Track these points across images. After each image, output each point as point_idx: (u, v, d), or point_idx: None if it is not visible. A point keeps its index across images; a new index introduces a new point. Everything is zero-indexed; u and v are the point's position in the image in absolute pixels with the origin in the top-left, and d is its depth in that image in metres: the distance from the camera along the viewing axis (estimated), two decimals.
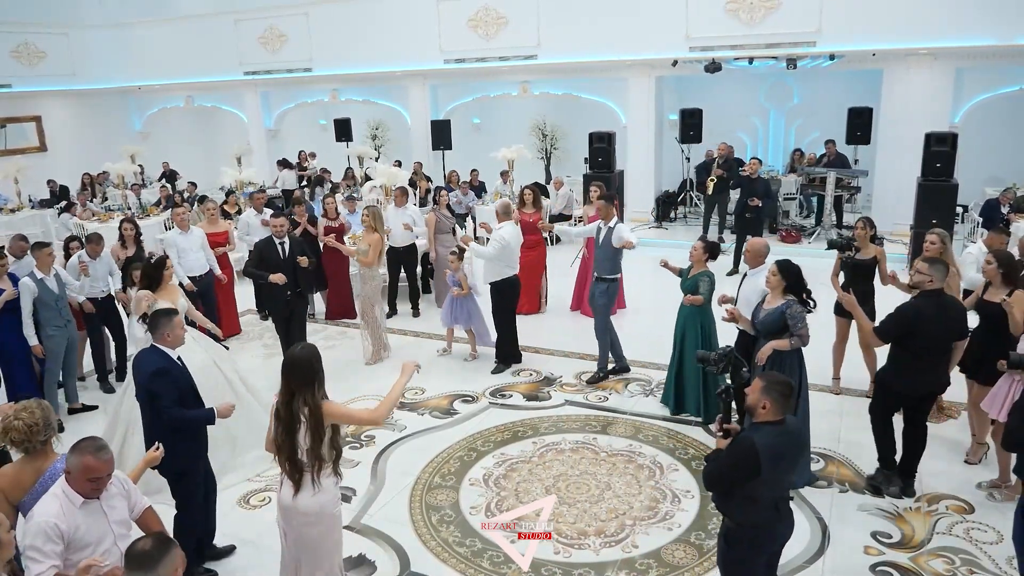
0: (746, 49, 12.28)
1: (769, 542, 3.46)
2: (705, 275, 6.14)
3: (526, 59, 14.02)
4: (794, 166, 13.80)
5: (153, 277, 5.77)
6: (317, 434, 3.53)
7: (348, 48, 15.33)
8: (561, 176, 13.93)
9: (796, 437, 3.48)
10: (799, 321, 4.99)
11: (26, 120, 18.03)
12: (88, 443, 3.09)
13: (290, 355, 3.64)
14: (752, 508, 3.32)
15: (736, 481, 3.30)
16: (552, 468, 5.64)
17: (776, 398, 3.30)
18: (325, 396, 3.64)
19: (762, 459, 3.18)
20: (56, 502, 3.03)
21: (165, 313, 4.33)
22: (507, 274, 7.34)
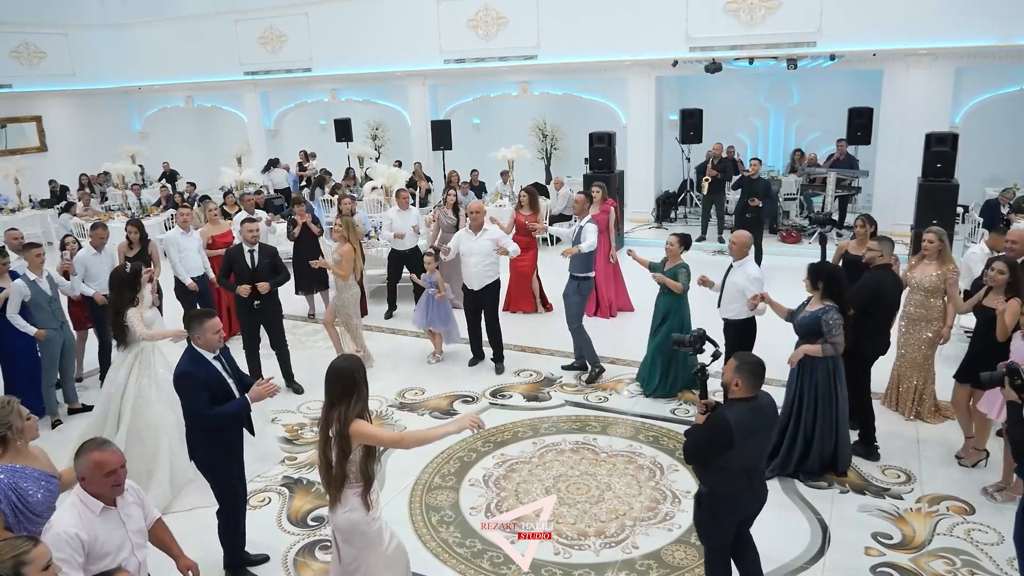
0: (746, 49, 12.27)
1: (736, 509, 3.72)
2: (683, 267, 6.43)
3: (526, 59, 14.02)
4: (794, 166, 13.79)
5: (132, 286, 5.60)
6: (343, 451, 3.42)
7: (348, 48, 15.32)
8: (561, 176, 13.94)
9: (767, 412, 3.69)
10: (834, 328, 4.98)
11: (26, 120, 18.03)
12: (89, 443, 3.07)
13: (333, 365, 3.53)
14: (725, 477, 3.61)
15: (711, 453, 3.59)
16: (552, 469, 5.63)
17: (747, 376, 3.55)
18: (366, 413, 3.51)
19: (735, 433, 3.46)
20: (74, 512, 2.99)
21: (198, 315, 4.25)
22: (496, 275, 7.46)
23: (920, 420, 6.14)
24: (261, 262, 6.93)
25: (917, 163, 10.72)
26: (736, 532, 3.82)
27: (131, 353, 5.54)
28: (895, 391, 6.32)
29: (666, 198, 14.33)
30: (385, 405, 6.89)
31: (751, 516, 3.84)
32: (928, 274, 5.91)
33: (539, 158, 17.19)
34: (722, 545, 3.82)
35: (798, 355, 5.17)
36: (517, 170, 13.95)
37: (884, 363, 6.43)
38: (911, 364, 6.14)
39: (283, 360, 7.25)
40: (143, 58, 17.55)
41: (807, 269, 5.22)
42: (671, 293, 6.53)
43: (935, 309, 5.92)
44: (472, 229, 7.37)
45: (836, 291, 5.06)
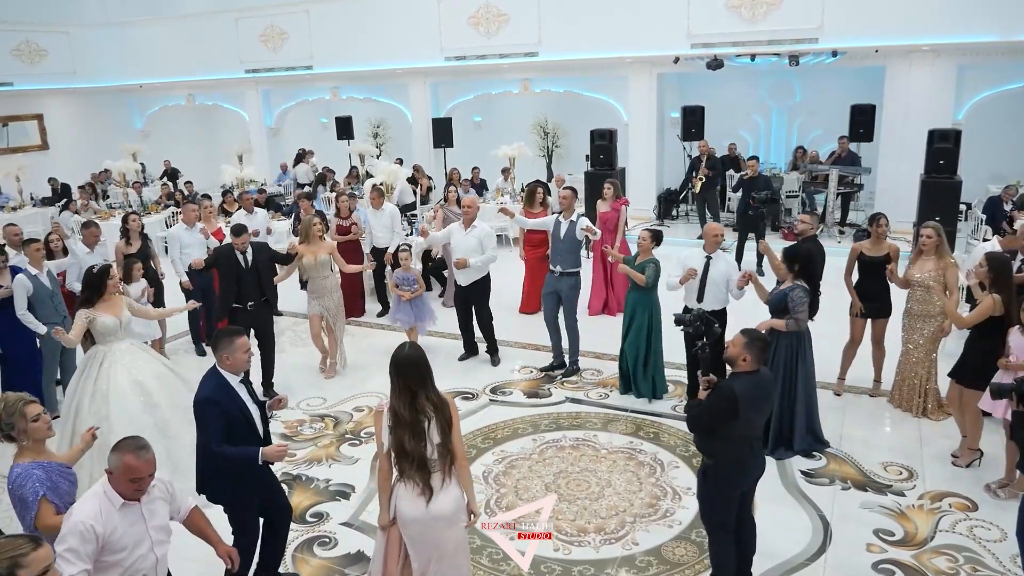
0: (748, 46, 12.23)
1: (743, 475, 3.89)
2: (651, 262, 6.46)
3: (527, 56, 13.97)
4: (796, 164, 13.74)
5: (96, 287, 5.36)
6: (447, 428, 3.45)
7: (349, 46, 15.30)
8: (563, 174, 13.90)
9: (768, 385, 3.98)
10: (799, 305, 5.35)
11: (28, 118, 18.04)
12: (129, 442, 3.02)
13: (401, 356, 3.47)
14: (729, 446, 3.79)
15: (718, 422, 3.76)
16: (552, 465, 5.61)
17: (756, 352, 3.77)
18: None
19: (740, 403, 3.65)
20: (96, 502, 2.96)
21: (227, 333, 3.94)
22: (486, 271, 7.46)
23: (924, 417, 6.11)
24: (257, 258, 6.70)
25: (919, 160, 10.68)
26: (740, 499, 3.94)
27: (88, 356, 5.39)
28: (899, 389, 6.29)
29: (667, 196, 14.29)
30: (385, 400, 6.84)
31: (752, 485, 4.01)
32: (927, 270, 5.89)
33: (541, 156, 17.15)
34: (727, 520, 3.92)
35: (763, 327, 5.27)
36: (518, 167, 13.92)
37: (890, 361, 6.44)
38: (914, 361, 6.12)
39: (267, 364, 6.92)
40: (144, 56, 17.53)
41: (783, 252, 5.55)
42: (639, 288, 6.53)
43: (936, 305, 5.90)
44: (464, 224, 7.35)
45: (810, 275, 5.52)
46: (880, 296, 6.33)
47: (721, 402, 3.74)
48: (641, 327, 6.52)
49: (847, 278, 6.52)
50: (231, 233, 6.87)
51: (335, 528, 4.96)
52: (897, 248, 6.36)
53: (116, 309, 5.39)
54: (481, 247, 7.28)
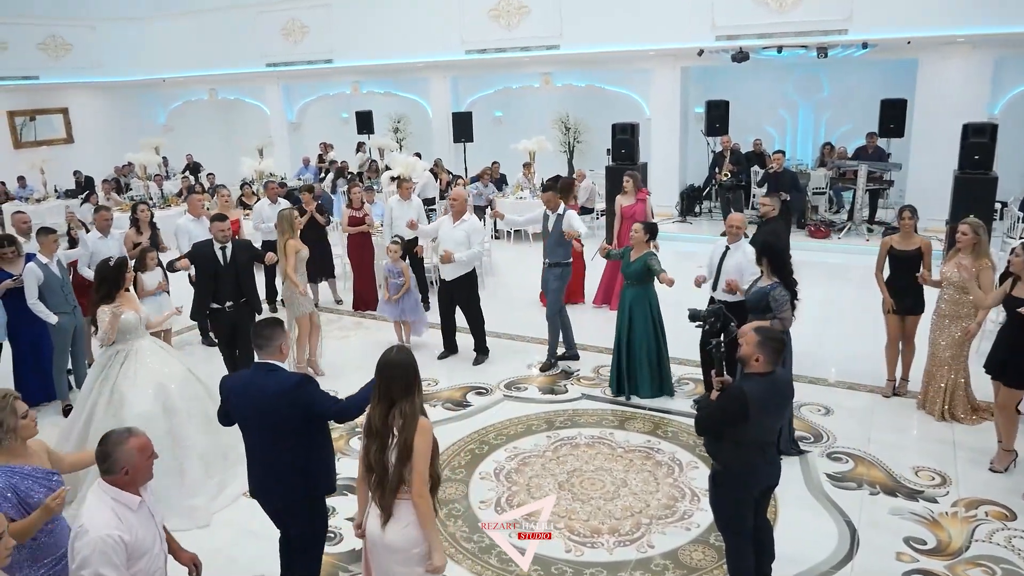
0: (775, 38, 11.90)
1: (754, 482, 3.67)
2: (651, 254, 6.26)
3: (548, 49, 13.74)
4: (824, 160, 13.41)
5: (113, 280, 5.12)
6: (404, 452, 3.04)
7: (369, 39, 15.18)
8: (584, 169, 13.70)
9: (783, 387, 3.70)
10: (782, 305, 4.98)
11: (53, 112, 18.19)
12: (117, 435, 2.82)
13: (387, 359, 3.15)
14: (739, 451, 3.58)
15: (726, 425, 3.56)
16: (566, 463, 5.42)
17: (770, 352, 3.53)
18: (423, 411, 3.17)
19: (751, 406, 3.43)
20: (108, 512, 2.72)
21: (277, 323, 3.67)
22: (472, 266, 7.31)
23: (955, 421, 5.83)
24: (238, 257, 6.35)
25: (953, 156, 10.31)
26: (755, 505, 3.74)
27: (107, 355, 5.07)
28: (926, 391, 6.02)
29: (690, 192, 14.01)
30: None
31: (768, 490, 3.81)
32: (961, 269, 5.61)
33: (562, 151, 16.95)
34: (743, 526, 3.72)
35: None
36: (539, 162, 13.74)
37: (918, 361, 6.18)
38: (941, 362, 5.85)
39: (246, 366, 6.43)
40: (166, 51, 17.56)
41: (757, 247, 5.32)
42: (635, 284, 6.34)
43: (967, 306, 5.64)
44: (452, 217, 7.21)
45: (780, 267, 5.09)
46: (912, 292, 6.06)
47: (730, 404, 3.53)
48: (647, 322, 6.35)
49: (878, 274, 6.26)
50: (211, 219, 6.53)
51: (341, 523, 4.81)
52: (928, 243, 6.08)
53: (135, 304, 5.23)
54: (469, 241, 7.10)
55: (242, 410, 3.57)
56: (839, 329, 7.74)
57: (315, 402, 3.47)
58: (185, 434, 5.01)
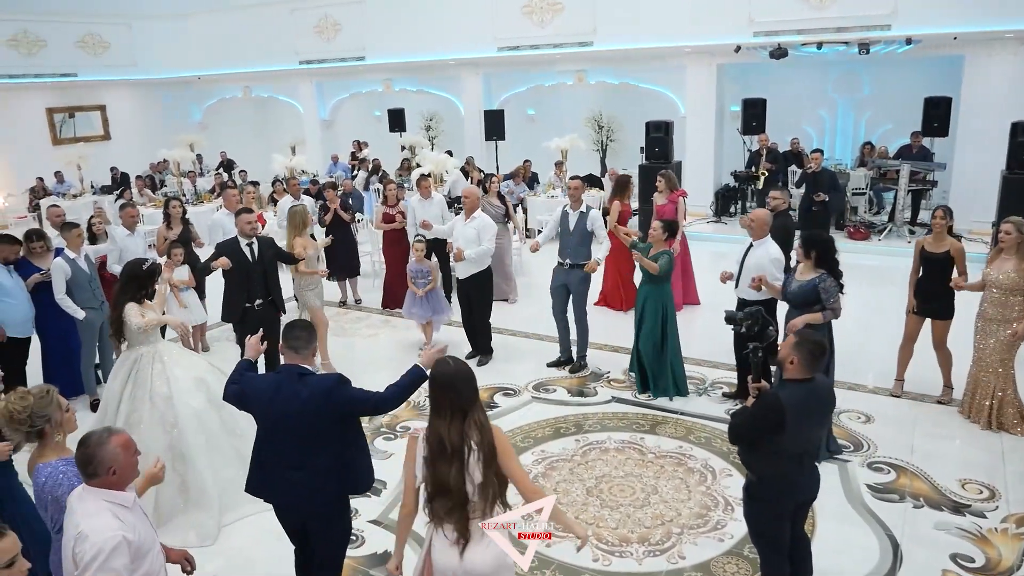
0: (814, 33, 11.59)
1: (790, 495, 3.49)
2: (665, 253, 6.22)
3: (581, 46, 13.59)
4: (863, 159, 13.05)
5: (144, 285, 4.98)
6: (490, 462, 2.87)
7: (402, 37, 15.15)
8: (616, 168, 13.51)
9: (823, 395, 3.49)
10: (833, 295, 5.00)
11: (91, 109, 18.49)
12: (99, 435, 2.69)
13: (449, 371, 2.91)
14: (775, 461, 3.39)
15: (761, 434, 3.38)
16: (595, 468, 5.28)
17: (805, 355, 3.32)
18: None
19: (787, 414, 3.24)
20: (108, 515, 2.58)
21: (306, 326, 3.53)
22: (486, 264, 7.11)
23: (1003, 430, 5.57)
24: (264, 254, 6.22)
25: (1000, 155, 9.96)
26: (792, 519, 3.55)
27: (130, 359, 4.89)
28: (971, 399, 5.76)
29: (725, 191, 13.74)
30: (423, 396, 6.60)
31: (806, 503, 3.63)
32: (1005, 270, 5.37)
33: (595, 150, 16.77)
34: (778, 540, 3.54)
35: (799, 324, 4.92)
36: (571, 161, 13.58)
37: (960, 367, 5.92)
38: (988, 368, 5.61)
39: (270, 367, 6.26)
40: (201, 48, 17.73)
41: (800, 240, 5.21)
42: (651, 281, 6.27)
43: (1014, 308, 5.40)
44: (464, 215, 7.09)
45: (829, 258, 5.07)
46: (939, 296, 5.86)
47: (764, 412, 3.35)
48: (655, 321, 6.26)
49: (911, 275, 6.09)
50: (236, 214, 6.37)
51: (363, 526, 4.73)
52: (960, 247, 5.82)
53: (151, 306, 5.10)
54: (479, 239, 6.96)
55: (271, 416, 3.37)
56: (880, 333, 7.48)
57: (354, 400, 3.35)
58: (238, 423, 4.88)
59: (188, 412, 4.74)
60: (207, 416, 4.84)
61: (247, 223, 6.16)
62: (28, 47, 16.08)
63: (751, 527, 3.68)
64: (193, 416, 4.75)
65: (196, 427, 4.75)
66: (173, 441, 4.67)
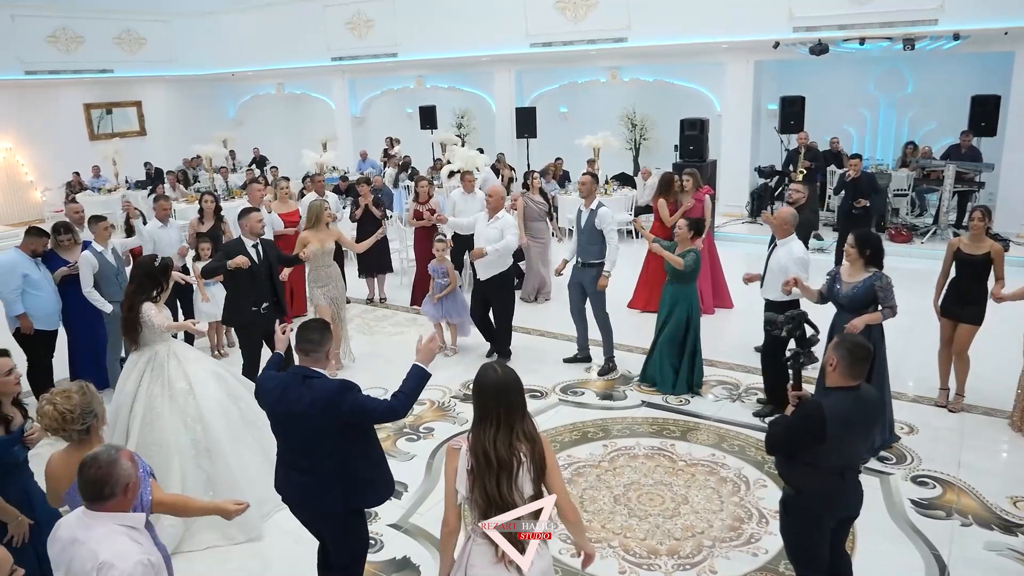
0: (857, 29, 11.21)
1: (831, 511, 3.27)
2: (692, 251, 6.11)
3: (615, 42, 13.33)
4: (906, 160, 12.64)
5: (155, 281, 4.82)
6: (539, 474, 2.74)
7: (434, 33, 15.04)
8: (650, 167, 13.27)
9: (870, 406, 3.24)
10: (890, 293, 4.86)
11: (128, 105, 18.69)
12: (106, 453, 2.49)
13: (493, 379, 2.77)
14: (814, 474, 3.19)
15: (799, 445, 3.19)
16: (623, 475, 5.09)
17: (844, 356, 3.12)
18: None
19: (828, 425, 3.05)
20: (125, 539, 2.41)
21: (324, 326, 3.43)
22: (507, 264, 6.97)
23: None
24: (269, 256, 6.09)
25: None
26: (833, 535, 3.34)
27: (143, 358, 4.75)
28: (1021, 409, 5.47)
29: (761, 191, 13.41)
30: (448, 396, 6.49)
31: (848, 520, 3.42)
32: None
33: (627, 149, 16.52)
34: (817, 558, 3.33)
35: (859, 326, 4.74)
36: (603, 160, 13.36)
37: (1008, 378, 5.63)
38: None
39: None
40: (235, 45, 17.79)
41: (852, 238, 4.99)
42: (677, 281, 6.15)
43: None
44: (487, 213, 6.92)
45: (880, 258, 4.96)
46: (973, 299, 5.64)
47: (804, 422, 3.15)
48: (679, 322, 6.17)
49: (940, 276, 5.87)
50: (238, 215, 6.18)
51: (383, 530, 4.61)
52: (1000, 249, 5.58)
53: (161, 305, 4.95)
54: (502, 237, 6.81)
55: (278, 415, 3.31)
56: (921, 340, 7.15)
57: (358, 408, 3.19)
58: (256, 414, 4.74)
59: (210, 404, 4.66)
60: (228, 408, 4.77)
61: (257, 221, 6.02)
62: (67, 43, 16.27)
63: (788, 543, 3.49)
64: (216, 408, 4.68)
65: (220, 419, 4.68)
66: (196, 436, 4.58)
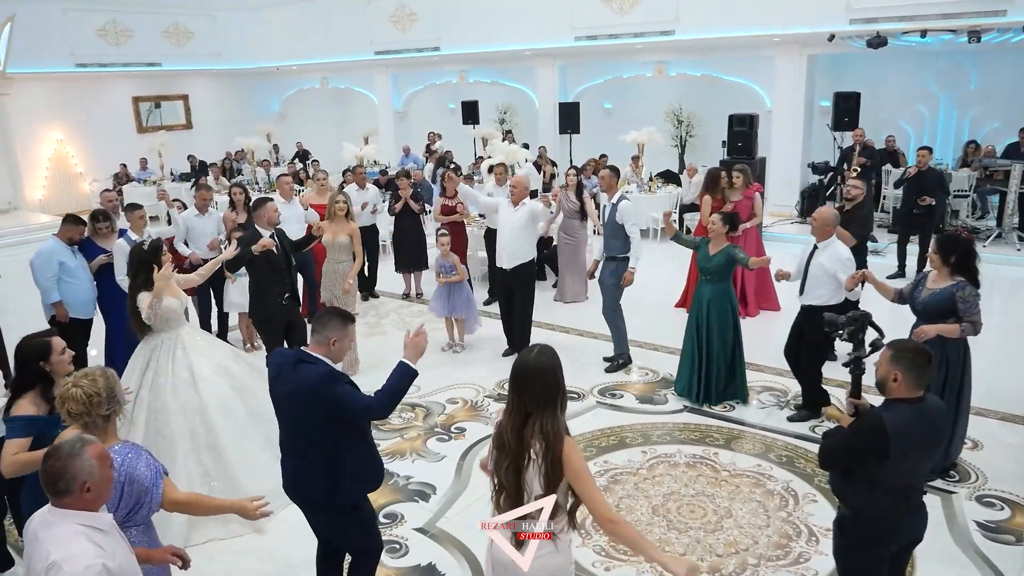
0: (918, 20, 10.65)
1: (892, 536, 2.96)
2: (732, 247, 5.80)
3: (663, 35, 12.95)
4: (967, 159, 12.04)
5: (149, 264, 4.68)
6: (553, 477, 2.54)
7: (477, 26, 14.84)
8: (695, 164, 12.89)
9: (936, 419, 2.92)
10: (972, 306, 4.39)
11: (175, 98, 18.95)
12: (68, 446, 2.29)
13: (524, 362, 2.62)
14: (874, 495, 2.89)
15: (858, 463, 2.89)
16: (662, 484, 4.82)
17: (908, 367, 2.82)
18: (566, 427, 2.64)
19: (892, 440, 2.75)
20: (82, 540, 2.22)
21: (342, 315, 3.30)
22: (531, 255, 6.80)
23: None
24: (284, 245, 5.95)
25: None
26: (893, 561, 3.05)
27: (148, 347, 4.65)
28: None
29: (812, 191, 12.91)
30: (482, 395, 6.29)
31: (910, 546, 3.10)
32: None
33: (672, 145, 16.14)
34: None
35: (929, 334, 4.39)
36: (648, 156, 13.02)
37: None
38: None
39: None
40: (281, 39, 17.86)
41: (936, 242, 4.57)
42: (715, 280, 5.81)
43: None
44: (512, 201, 6.73)
45: (970, 265, 4.44)
46: None
47: (864, 437, 2.86)
48: (726, 324, 5.81)
49: None
50: (254, 205, 6.03)
51: (408, 533, 4.42)
52: None
53: (175, 290, 4.81)
54: (534, 220, 6.68)
55: (273, 396, 3.31)
56: (985, 349, 6.74)
57: (337, 400, 3.06)
58: (265, 409, 4.58)
59: (212, 398, 4.56)
60: (232, 402, 4.66)
61: (273, 211, 5.89)
62: (116, 37, 16.50)
63: (841, 567, 3.20)
64: (218, 401, 4.57)
65: (221, 413, 4.59)
66: (195, 428, 4.49)
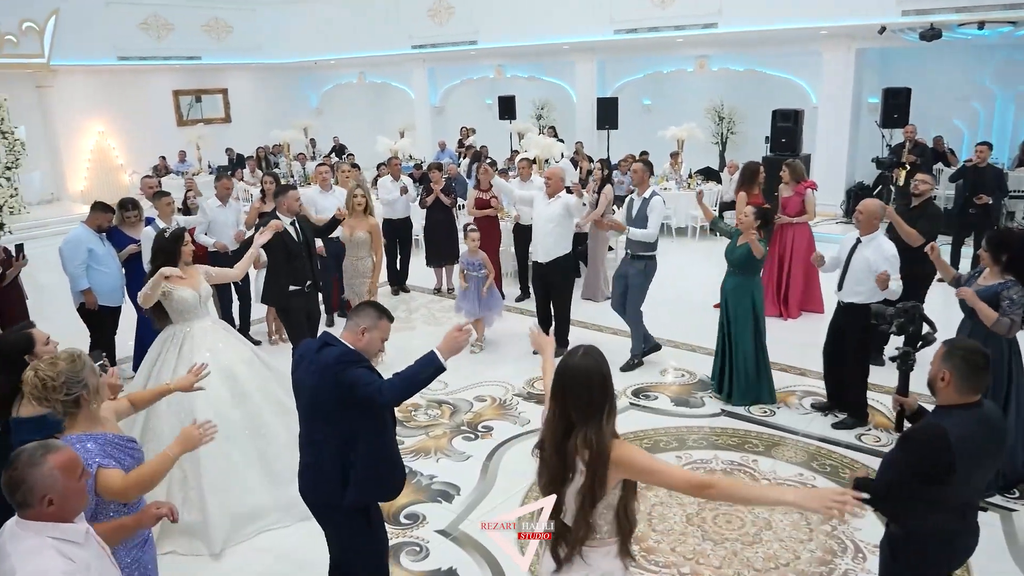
0: (977, 11, 10.17)
1: (948, 557, 2.73)
2: (760, 241, 5.53)
3: (705, 28, 12.60)
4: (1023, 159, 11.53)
5: (169, 253, 4.53)
6: (593, 493, 2.29)
7: (514, 20, 14.65)
8: (736, 161, 12.53)
9: (994, 426, 2.65)
10: (1016, 307, 4.17)
11: (214, 92, 19.10)
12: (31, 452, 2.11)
13: (569, 364, 2.34)
14: (934, 515, 2.59)
15: (927, 483, 2.54)
16: None
17: (958, 367, 2.55)
18: (615, 432, 2.37)
19: (956, 454, 2.46)
20: (50, 552, 2.04)
21: (379, 308, 3.13)
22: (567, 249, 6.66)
23: None
24: (307, 234, 5.89)
25: None
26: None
27: (163, 338, 4.48)
28: None
29: (859, 190, 12.46)
30: (510, 394, 6.10)
31: (963, 562, 2.91)
32: None
33: (713, 142, 15.76)
34: None
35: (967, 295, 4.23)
36: (687, 153, 12.70)
37: None
38: None
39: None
40: (318, 34, 17.86)
41: (986, 240, 4.37)
42: (738, 273, 5.63)
43: None
44: (547, 194, 6.57)
45: (1022, 267, 4.21)
46: None
47: (928, 455, 2.51)
48: (746, 319, 5.59)
49: None
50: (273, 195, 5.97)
51: (429, 535, 4.24)
52: None
53: (193, 281, 4.58)
54: (569, 212, 6.49)
55: (295, 384, 3.15)
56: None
57: (352, 382, 2.87)
58: (263, 422, 4.43)
59: (204, 403, 4.19)
60: (226, 410, 4.30)
61: (295, 200, 5.82)
62: (157, 31, 16.65)
63: None
64: (210, 407, 4.17)
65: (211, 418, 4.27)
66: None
